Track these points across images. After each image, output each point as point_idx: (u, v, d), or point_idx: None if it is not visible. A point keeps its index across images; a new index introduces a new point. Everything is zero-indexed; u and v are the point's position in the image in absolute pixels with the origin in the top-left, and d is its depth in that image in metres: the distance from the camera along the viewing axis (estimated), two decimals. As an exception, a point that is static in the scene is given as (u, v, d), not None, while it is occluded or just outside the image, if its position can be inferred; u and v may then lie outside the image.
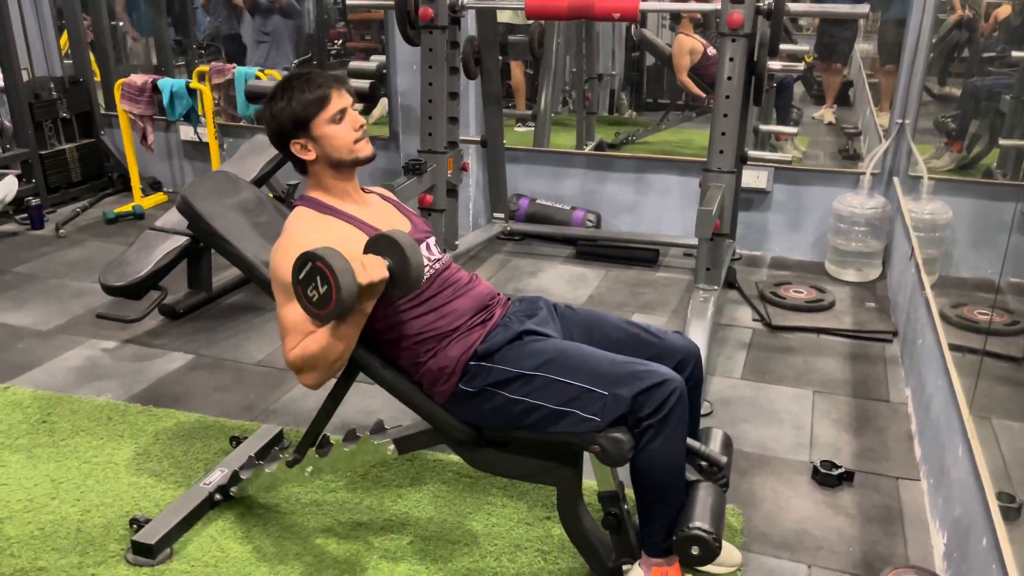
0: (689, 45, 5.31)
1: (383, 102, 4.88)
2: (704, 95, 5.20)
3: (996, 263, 2.16)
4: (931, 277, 2.72)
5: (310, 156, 1.78)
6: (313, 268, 1.52)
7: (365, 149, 1.80)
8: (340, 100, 1.77)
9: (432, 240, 1.91)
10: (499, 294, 1.93)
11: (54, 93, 4.75)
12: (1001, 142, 3.04)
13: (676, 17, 5.37)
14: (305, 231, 1.75)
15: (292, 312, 1.70)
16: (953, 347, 2.22)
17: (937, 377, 2.28)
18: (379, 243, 1.62)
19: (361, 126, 1.79)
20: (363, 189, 1.92)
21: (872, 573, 1.92)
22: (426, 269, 1.80)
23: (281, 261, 1.73)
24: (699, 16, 5.26)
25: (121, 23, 5.69)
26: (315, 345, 1.66)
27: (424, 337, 1.76)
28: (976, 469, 1.72)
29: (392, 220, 1.88)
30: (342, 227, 1.78)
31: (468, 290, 1.84)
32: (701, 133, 4.93)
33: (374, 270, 1.57)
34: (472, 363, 1.75)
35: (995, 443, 1.78)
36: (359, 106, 5.01)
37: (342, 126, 1.76)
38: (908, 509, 2.17)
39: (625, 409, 1.62)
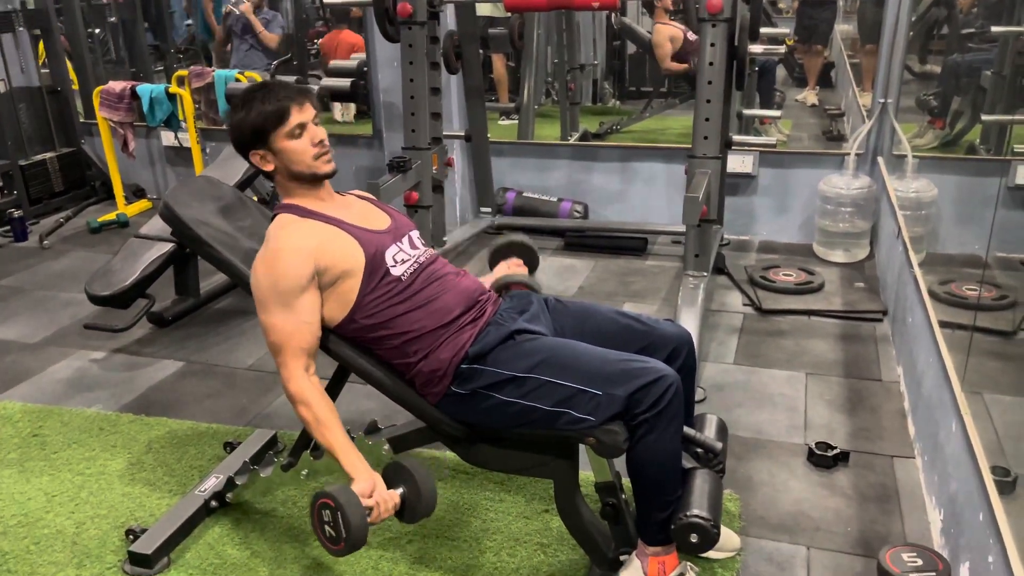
0: (669, 33, 5.31)
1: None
2: (689, 68, 5.18)
3: (983, 239, 2.17)
4: (919, 255, 2.73)
5: (269, 167, 1.79)
6: (327, 508, 1.55)
7: (324, 167, 1.78)
8: (300, 115, 1.74)
9: (415, 233, 1.90)
10: (489, 291, 1.92)
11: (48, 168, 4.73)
12: (983, 118, 3.05)
13: (650, 6, 5.36)
14: (287, 238, 1.74)
15: (277, 326, 1.70)
16: (943, 324, 2.23)
17: (928, 354, 2.29)
18: (394, 471, 1.65)
19: (321, 141, 1.77)
20: (339, 194, 1.92)
21: (870, 552, 1.93)
22: (409, 265, 1.80)
23: (263, 273, 1.72)
24: (670, 2, 5.25)
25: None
26: (316, 415, 1.71)
27: (413, 336, 1.75)
28: (970, 444, 1.73)
29: (372, 217, 1.87)
30: (324, 229, 1.76)
31: (455, 284, 1.83)
32: (685, 119, 4.94)
33: (385, 507, 1.61)
34: (463, 366, 1.73)
35: (988, 418, 1.78)
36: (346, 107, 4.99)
37: (301, 141, 1.75)
38: (904, 487, 2.18)
39: (620, 408, 1.61)
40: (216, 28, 5.79)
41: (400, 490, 1.64)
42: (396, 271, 1.77)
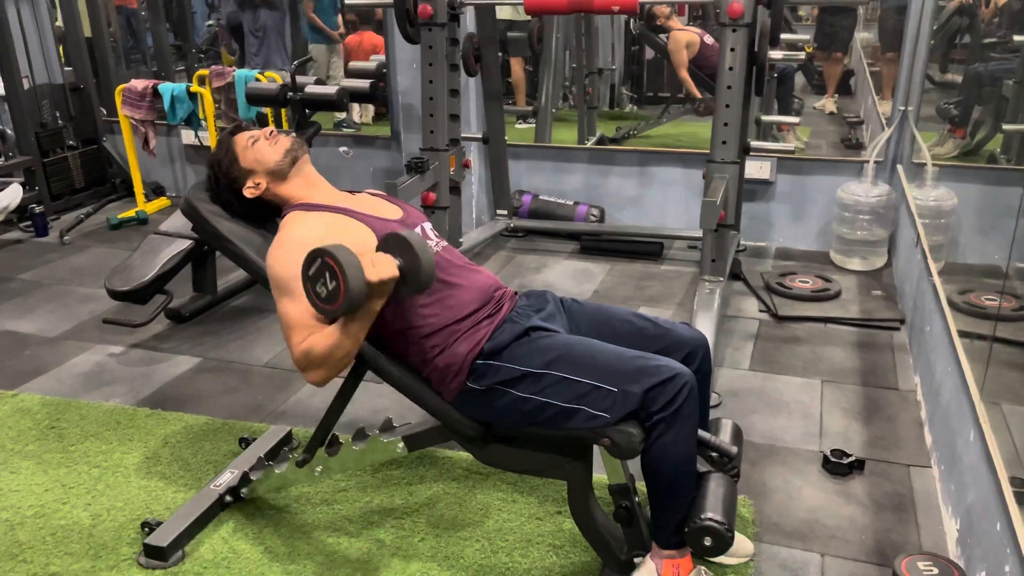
0: (685, 39, 5.29)
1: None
2: (699, 95, 5.17)
3: (1003, 248, 2.15)
4: (937, 264, 2.71)
5: (262, 187, 1.92)
6: (322, 264, 1.52)
7: (287, 140, 1.94)
8: (244, 135, 1.95)
9: (428, 225, 1.92)
10: (505, 287, 1.92)
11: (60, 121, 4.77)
12: (1004, 127, 3.02)
13: (650, 19, 5.36)
14: (296, 228, 1.78)
15: (293, 308, 1.70)
16: (962, 333, 2.21)
17: (947, 364, 2.27)
18: (390, 242, 1.61)
19: (271, 132, 1.95)
20: (351, 192, 1.97)
21: (885, 561, 1.92)
22: None
23: (276, 258, 1.74)
24: (667, 9, 5.25)
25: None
26: (322, 342, 1.65)
27: (430, 330, 1.75)
28: (989, 454, 1.72)
29: (383, 208, 1.89)
30: (334, 218, 1.80)
31: (471, 279, 1.83)
32: (702, 125, 4.92)
33: (384, 268, 1.56)
34: (479, 361, 1.74)
35: (1006, 428, 1.77)
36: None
37: (259, 143, 1.93)
38: (920, 496, 2.16)
39: (635, 405, 1.61)
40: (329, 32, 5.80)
41: (398, 261, 1.58)
42: None
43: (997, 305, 2.17)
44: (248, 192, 1.92)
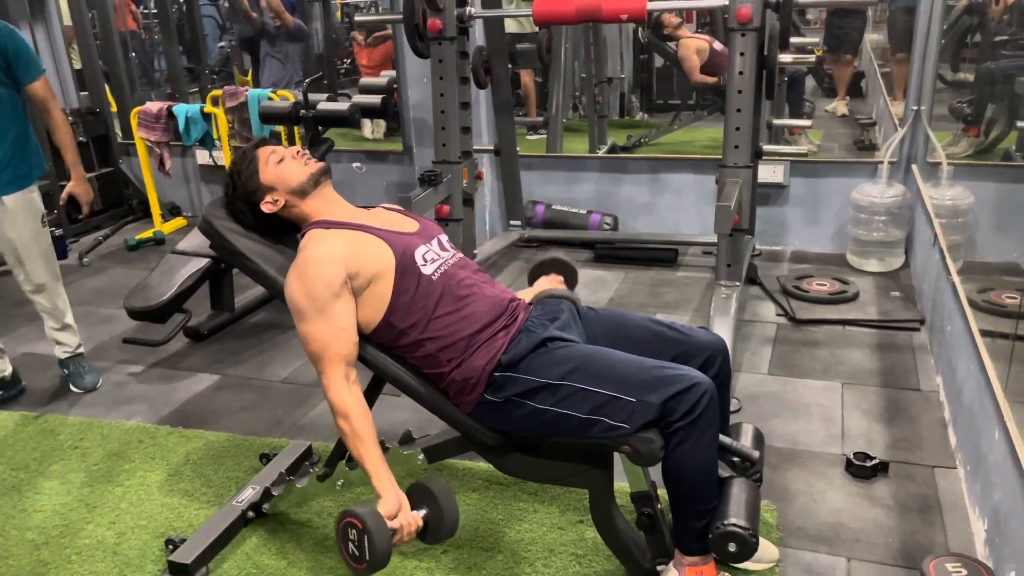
0: (695, 45, 5.30)
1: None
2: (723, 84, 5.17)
3: (1022, 246, 2.13)
4: (956, 263, 2.69)
5: (280, 203, 1.91)
6: (355, 529, 1.57)
7: (314, 164, 1.92)
8: (268, 150, 1.93)
9: (444, 237, 1.93)
10: (519, 299, 1.92)
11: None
12: (1019, 124, 3.00)
13: (657, 27, 5.37)
14: (316, 247, 1.78)
15: (314, 334, 1.72)
16: (984, 332, 2.19)
17: (969, 363, 2.25)
18: (416, 493, 1.66)
19: (298, 151, 1.92)
20: (367, 207, 1.97)
21: (912, 563, 1.90)
22: (439, 264, 1.82)
23: (296, 283, 1.75)
24: (675, 19, 5.26)
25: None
26: (347, 428, 1.72)
27: (446, 343, 1.76)
28: (1015, 453, 1.69)
29: (399, 222, 1.90)
30: (352, 235, 1.80)
31: (486, 291, 1.84)
32: (712, 131, 4.92)
33: (408, 530, 1.62)
34: (496, 374, 1.74)
35: (1032, 426, 1.75)
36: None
37: (284, 160, 1.91)
38: (945, 497, 2.14)
39: (654, 415, 1.61)
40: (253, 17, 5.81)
41: (423, 511, 1.65)
42: (427, 270, 1.79)
43: (1018, 303, 2.15)
44: (266, 207, 1.91)
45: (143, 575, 1.99)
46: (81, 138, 4.83)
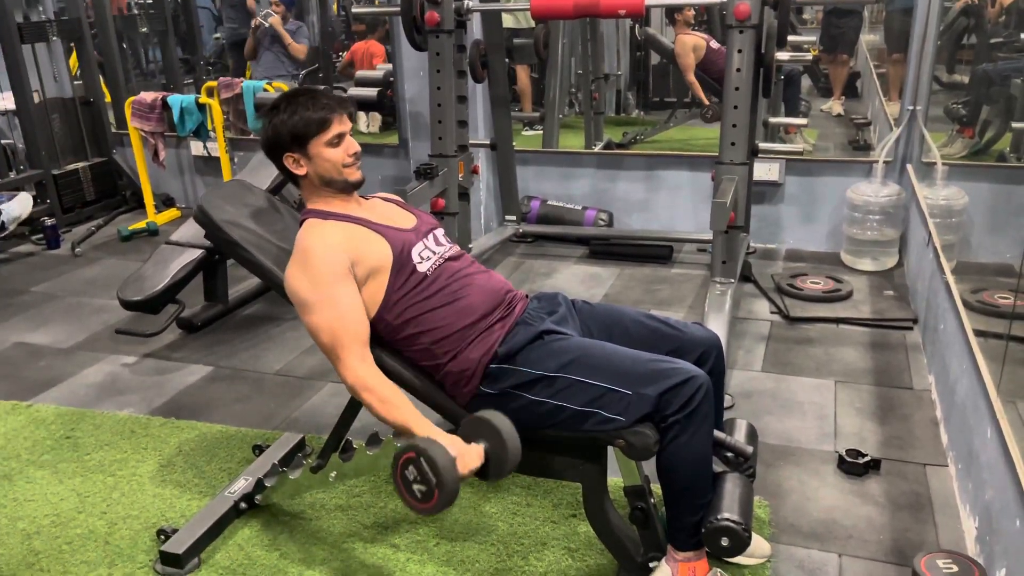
0: (692, 42, 5.30)
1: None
2: (707, 102, 5.17)
3: (1016, 247, 2.14)
4: (950, 263, 2.70)
5: (301, 171, 1.82)
6: (416, 465, 1.51)
7: (355, 174, 1.84)
8: (340, 125, 1.80)
9: (440, 231, 1.92)
10: (516, 290, 1.92)
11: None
12: (1014, 125, 3.02)
13: (672, 17, 5.37)
14: (316, 236, 1.77)
15: (323, 324, 1.71)
16: (977, 332, 2.20)
17: (961, 362, 2.26)
18: (475, 426, 1.60)
19: (355, 154, 1.82)
20: (364, 198, 1.94)
21: (903, 560, 1.91)
22: (435, 260, 1.81)
23: (298, 274, 1.74)
24: (691, 13, 5.25)
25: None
26: (374, 399, 1.70)
27: (441, 334, 1.75)
28: (1007, 451, 1.70)
29: (397, 216, 1.89)
30: (352, 228, 1.79)
31: (482, 282, 1.84)
32: (708, 129, 4.92)
33: (472, 459, 1.56)
34: (493, 366, 1.74)
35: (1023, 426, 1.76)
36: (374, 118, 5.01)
37: (338, 150, 1.80)
38: (937, 495, 2.15)
39: (650, 408, 1.61)
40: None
41: (483, 444, 1.57)
42: (422, 267, 1.78)
43: (1012, 303, 2.16)
44: (287, 161, 1.81)
45: (135, 565, 1.98)
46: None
